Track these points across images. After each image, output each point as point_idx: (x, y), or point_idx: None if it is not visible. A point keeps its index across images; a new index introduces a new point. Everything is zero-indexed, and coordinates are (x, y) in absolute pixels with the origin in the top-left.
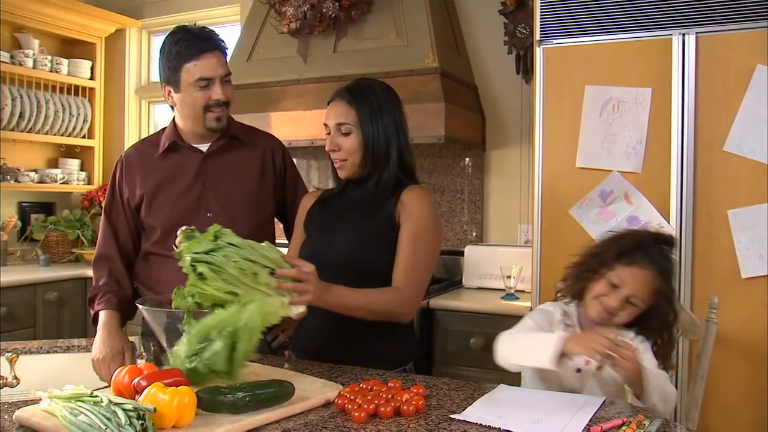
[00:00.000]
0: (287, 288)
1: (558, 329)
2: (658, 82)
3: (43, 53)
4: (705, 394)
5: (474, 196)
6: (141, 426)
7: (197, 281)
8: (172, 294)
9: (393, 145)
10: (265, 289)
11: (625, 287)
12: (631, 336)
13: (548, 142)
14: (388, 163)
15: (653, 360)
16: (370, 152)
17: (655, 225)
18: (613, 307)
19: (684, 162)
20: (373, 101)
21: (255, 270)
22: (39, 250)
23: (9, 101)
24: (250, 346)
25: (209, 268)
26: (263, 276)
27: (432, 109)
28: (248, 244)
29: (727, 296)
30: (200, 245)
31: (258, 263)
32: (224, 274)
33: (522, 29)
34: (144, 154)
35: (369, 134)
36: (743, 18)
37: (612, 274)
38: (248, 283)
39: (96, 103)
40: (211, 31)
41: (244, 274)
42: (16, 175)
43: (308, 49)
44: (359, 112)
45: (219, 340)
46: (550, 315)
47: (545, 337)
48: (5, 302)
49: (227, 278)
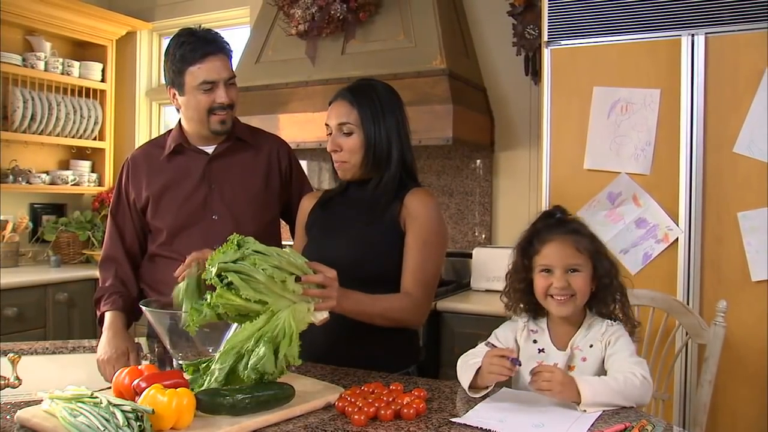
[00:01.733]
0: (313, 294)
1: (522, 338)
2: (667, 84)
3: (54, 56)
4: (714, 399)
5: (483, 198)
6: (139, 427)
7: (225, 292)
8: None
9: (395, 145)
10: (291, 296)
11: (556, 260)
12: (602, 330)
13: (556, 143)
14: (389, 164)
15: (628, 346)
16: (371, 153)
17: (663, 228)
18: (561, 287)
19: (693, 164)
20: (375, 101)
21: (283, 277)
22: (50, 251)
23: (21, 103)
24: (293, 351)
25: (239, 277)
26: (290, 283)
27: (440, 110)
28: (274, 251)
29: (737, 300)
30: (225, 255)
31: (285, 270)
32: (254, 282)
33: (531, 30)
34: (150, 156)
35: (371, 134)
36: (753, 18)
37: (537, 263)
38: (277, 290)
39: (107, 105)
40: (216, 33)
41: (273, 281)
42: (28, 176)
43: (316, 51)
44: (361, 112)
45: (261, 347)
46: (515, 325)
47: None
48: (16, 303)
49: (257, 287)
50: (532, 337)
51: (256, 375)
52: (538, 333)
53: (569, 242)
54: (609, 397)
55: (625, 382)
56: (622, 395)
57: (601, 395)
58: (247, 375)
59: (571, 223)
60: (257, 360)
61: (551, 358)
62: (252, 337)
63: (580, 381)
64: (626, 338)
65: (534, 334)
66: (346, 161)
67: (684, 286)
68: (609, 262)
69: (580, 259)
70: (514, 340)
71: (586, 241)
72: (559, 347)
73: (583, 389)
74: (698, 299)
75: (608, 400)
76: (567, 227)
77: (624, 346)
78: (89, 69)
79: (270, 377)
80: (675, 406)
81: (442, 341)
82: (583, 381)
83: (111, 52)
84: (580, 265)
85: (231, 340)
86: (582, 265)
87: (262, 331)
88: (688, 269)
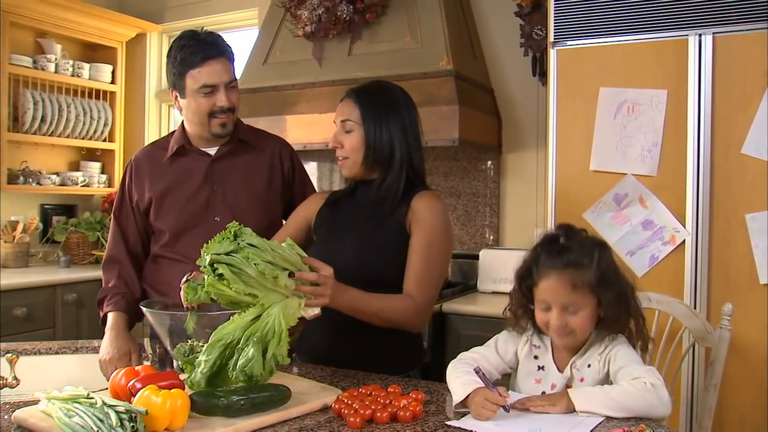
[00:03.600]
0: (305, 291)
1: (523, 352)
2: (674, 84)
3: (65, 58)
4: (721, 403)
5: (490, 200)
6: (132, 428)
7: (216, 282)
8: (179, 297)
9: (398, 146)
10: (283, 291)
11: (552, 298)
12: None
13: (562, 144)
14: (391, 164)
15: (632, 356)
16: (371, 151)
17: (670, 230)
18: (559, 325)
19: (700, 165)
20: (380, 101)
21: (275, 273)
22: (60, 252)
23: (31, 105)
24: (282, 350)
25: (230, 270)
26: (282, 279)
27: (446, 111)
28: (268, 245)
29: (745, 302)
30: (220, 246)
31: (278, 266)
32: (244, 275)
33: (538, 31)
34: (153, 157)
35: (371, 133)
36: (762, 17)
37: (536, 296)
38: (268, 285)
39: (117, 107)
40: (217, 36)
41: (265, 276)
42: (38, 177)
43: (323, 52)
44: (363, 111)
45: (251, 348)
46: (518, 339)
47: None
48: (25, 303)
49: (247, 280)
50: (534, 352)
51: (244, 377)
52: (541, 349)
53: (567, 278)
54: (607, 401)
55: (627, 388)
56: (624, 400)
57: (595, 400)
58: (235, 376)
59: (571, 252)
60: (246, 362)
61: (550, 378)
62: (239, 329)
63: (572, 390)
64: (626, 349)
65: (536, 350)
66: (347, 158)
67: (691, 288)
68: (619, 288)
69: (579, 297)
70: (515, 353)
71: (587, 274)
72: (559, 367)
73: (575, 396)
74: (705, 302)
75: (607, 403)
76: (567, 258)
77: (628, 358)
78: (99, 71)
79: (258, 379)
80: (682, 411)
81: (448, 343)
82: (576, 390)
83: (121, 54)
84: (578, 304)
85: (218, 332)
86: (581, 303)
87: (252, 329)
88: (695, 271)
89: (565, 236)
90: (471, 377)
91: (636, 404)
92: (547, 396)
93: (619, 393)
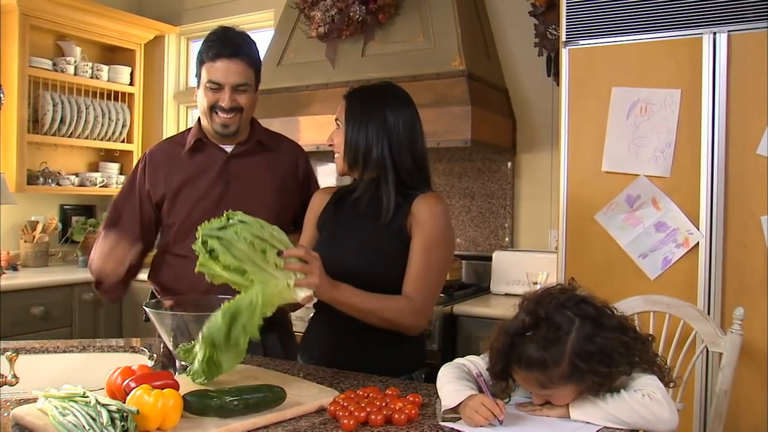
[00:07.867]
0: (294, 268)
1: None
2: (688, 83)
3: (84, 60)
4: (735, 409)
5: (505, 201)
6: (122, 427)
7: (207, 260)
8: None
9: (376, 146)
10: (272, 269)
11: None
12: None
13: (574, 145)
14: (367, 163)
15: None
16: (349, 150)
17: (683, 232)
18: (540, 402)
19: (714, 166)
20: (366, 101)
21: (263, 247)
22: (78, 252)
23: (51, 107)
24: (252, 325)
25: (220, 243)
26: (271, 254)
27: (458, 112)
28: (258, 222)
29: (760, 306)
30: (212, 224)
31: (267, 241)
32: (234, 249)
33: (552, 30)
34: (169, 153)
35: (348, 132)
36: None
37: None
38: (257, 260)
39: (135, 108)
40: (245, 38)
41: (254, 250)
42: (58, 178)
43: (336, 53)
44: (348, 108)
45: (218, 315)
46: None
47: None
48: (43, 302)
49: (237, 254)
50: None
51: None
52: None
53: (534, 378)
54: (603, 413)
55: (625, 401)
56: (619, 414)
57: (593, 414)
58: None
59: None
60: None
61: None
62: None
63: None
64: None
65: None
66: (337, 154)
67: (705, 291)
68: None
69: (552, 389)
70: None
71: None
72: None
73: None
74: (719, 306)
75: (603, 415)
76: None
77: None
78: (118, 73)
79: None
80: (695, 417)
81: (458, 344)
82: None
83: (139, 56)
84: (554, 391)
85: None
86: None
87: (230, 303)
88: (708, 275)
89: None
90: (465, 383)
91: (632, 418)
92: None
93: (615, 406)
